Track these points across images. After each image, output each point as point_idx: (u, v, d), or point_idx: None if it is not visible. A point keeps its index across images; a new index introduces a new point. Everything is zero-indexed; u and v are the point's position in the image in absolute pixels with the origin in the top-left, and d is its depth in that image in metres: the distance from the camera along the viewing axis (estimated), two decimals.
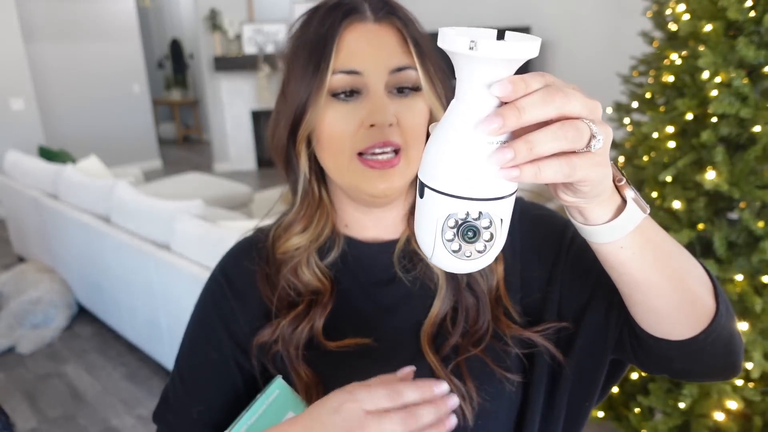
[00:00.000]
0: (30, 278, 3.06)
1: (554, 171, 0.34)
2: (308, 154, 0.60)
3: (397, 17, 0.56)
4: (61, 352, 2.79)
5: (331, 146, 0.56)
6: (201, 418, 0.64)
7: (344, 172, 0.57)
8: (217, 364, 0.64)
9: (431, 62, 0.57)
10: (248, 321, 0.64)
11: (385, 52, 0.55)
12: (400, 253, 0.64)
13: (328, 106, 0.55)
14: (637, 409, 1.63)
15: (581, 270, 0.60)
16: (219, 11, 5.90)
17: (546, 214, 0.67)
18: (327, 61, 0.53)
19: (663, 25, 1.96)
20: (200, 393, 0.65)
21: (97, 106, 5.98)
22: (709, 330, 0.50)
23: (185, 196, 2.61)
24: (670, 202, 1.50)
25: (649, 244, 0.45)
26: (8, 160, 3.54)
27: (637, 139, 1.89)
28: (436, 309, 0.61)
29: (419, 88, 0.56)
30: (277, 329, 0.62)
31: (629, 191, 0.42)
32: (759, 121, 1.31)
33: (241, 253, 0.69)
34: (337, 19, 0.55)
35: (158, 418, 0.67)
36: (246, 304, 0.65)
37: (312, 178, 0.62)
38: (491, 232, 0.38)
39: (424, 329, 0.61)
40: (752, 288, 1.38)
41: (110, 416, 2.28)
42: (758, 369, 1.36)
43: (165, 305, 2.28)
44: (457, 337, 0.60)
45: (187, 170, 5.70)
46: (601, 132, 0.35)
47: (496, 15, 4.90)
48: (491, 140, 0.35)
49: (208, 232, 2.09)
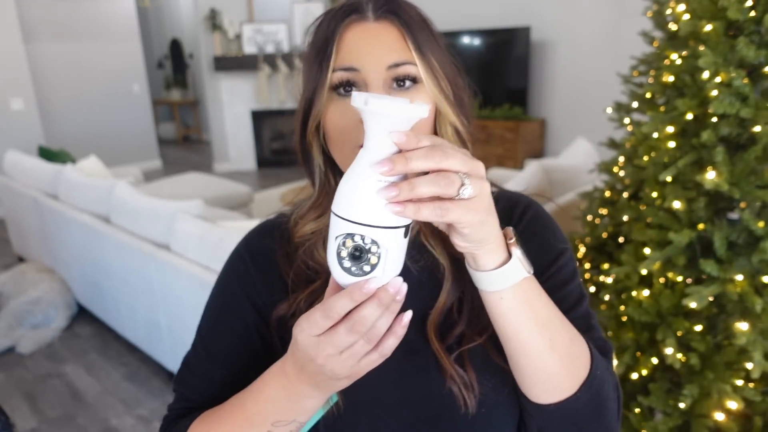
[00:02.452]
0: (30, 278, 3.06)
1: (430, 210, 0.43)
2: (321, 146, 0.63)
3: (396, 15, 0.58)
4: (61, 352, 2.79)
5: (336, 139, 0.59)
6: (224, 380, 0.67)
7: (349, 163, 0.59)
8: (239, 331, 0.67)
9: (435, 58, 0.58)
10: (269, 294, 0.67)
11: (382, 48, 0.57)
12: (410, 243, 0.64)
13: (330, 101, 0.58)
14: (637, 409, 1.63)
15: None
16: (219, 11, 5.90)
17: (546, 236, 0.67)
18: (328, 59, 0.57)
19: (663, 24, 1.96)
20: (223, 358, 0.67)
21: (97, 106, 5.98)
22: (560, 406, 0.56)
23: (185, 196, 2.61)
24: (670, 202, 1.50)
25: (527, 304, 0.52)
26: (8, 160, 3.54)
27: (637, 139, 1.89)
28: (443, 299, 0.63)
29: (420, 81, 0.58)
30: (294, 303, 0.64)
31: (516, 249, 0.51)
32: (759, 121, 1.31)
33: (263, 232, 0.72)
34: (340, 20, 0.58)
35: (179, 382, 0.70)
36: (267, 277, 0.68)
37: (327, 168, 0.65)
38: (378, 256, 0.45)
39: (431, 318, 0.63)
40: (752, 288, 1.38)
41: (110, 416, 2.28)
42: (758, 369, 1.36)
43: (165, 305, 2.28)
44: (463, 326, 0.62)
45: (187, 170, 5.71)
46: (475, 184, 0.44)
47: (496, 15, 4.90)
48: (383, 179, 0.44)
49: (207, 232, 2.09)
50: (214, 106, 6.32)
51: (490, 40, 4.87)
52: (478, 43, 4.95)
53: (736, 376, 1.41)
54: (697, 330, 1.48)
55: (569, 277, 0.65)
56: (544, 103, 4.85)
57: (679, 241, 1.43)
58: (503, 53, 4.80)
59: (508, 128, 4.65)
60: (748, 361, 1.38)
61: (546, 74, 4.76)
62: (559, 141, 4.78)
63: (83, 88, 5.83)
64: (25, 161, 3.41)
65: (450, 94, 0.60)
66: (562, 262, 0.65)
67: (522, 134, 4.60)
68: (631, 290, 1.64)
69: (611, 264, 2.11)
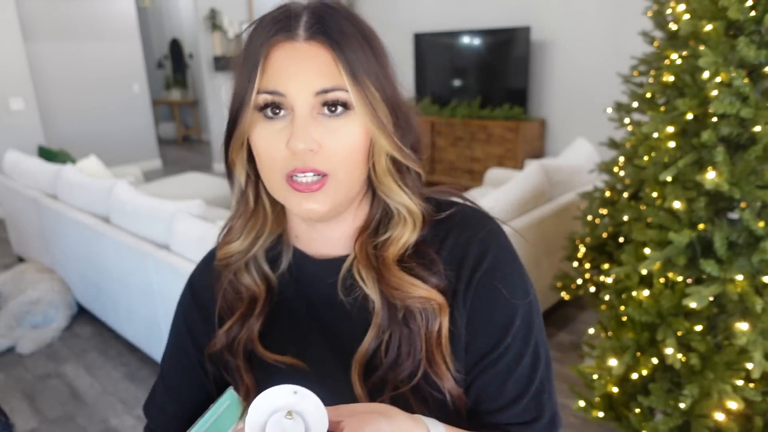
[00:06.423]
0: (29, 278, 3.06)
1: None
2: (244, 165, 0.60)
3: (328, 36, 0.53)
4: (61, 352, 2.79)
5: (264, 166, 0.56)
6: (175, 414, 0.71)
7: (277, 191, 0.57)
8: (187, 368, 0.70)
9: (371, 81, 0.53)
10: (207, 333, 0.68)
11: (310, 72, 0.52)
12: (346, 274, 0.62)
13: (255, 122, 0.55)
14: (637, 410, 1.63)
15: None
16: (219, 11, 5.90)
17: (503, 293, 0.59)
18: (253, 80, 0.53)
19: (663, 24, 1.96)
20: (175, 392, 0.71)
21: (97, 106, 5.98)
22: None
23: (185, 196, 2.60)
24: (670, 202, 1.50)
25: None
26: (8, 160, 3.53)
27: (637, 139, 1.89)
28: (370, 338, 0.60)
29: (352, 107, 0.53)
30: (223, 335, 0.65)
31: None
32: (759, 121, 1.31)
33: (205, 263, 0.71)
34: (268, 37, 0.53)
35: (145, 409, 0.74)
36: (206, 316, 0.68)
37: (248, 187, 0.62)
38: None
39: (356, 359, 0.59)
40: (753, 288, 1.38)
41: (110, 416, 2.28)
42: (758, 369, 1.36)
43: (164, 305, 2.28)
44: (386, 369, 0.59)
45: (187, 170, 5.71)
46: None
47: (496, 15, 4.90)
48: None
49: (207, 232, 2.09)
50: (214, 106, 6.32)
51: (490, 40, 4.87)
52: (478, 43, 4.95)
53: (737, 376, 1.41)
54: (698, 330, 1.48)
55: (522, 348, 0.59)
56: (544, 103, 4.85)
57: (679, 241, 1.43)
58: (503, 53, 4.80)
59: (508, 128, 4.64)
60: (749, 361, 1.38)
61: (546, 74, 4.76)
62: (559, 141, 4.78)
63: (83, 88, 5.83)
64: (24, 161, 3.41)
65: (388, 120, 0.55)
66: (516, 330, 0.59)
67: (522, 134, 4.59)
68: (631, 290, 1.64)
69: (611, 264, 2.11)
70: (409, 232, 0.60)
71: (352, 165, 0.55)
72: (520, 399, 0.59)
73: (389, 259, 0.60)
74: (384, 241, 0.61)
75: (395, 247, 0.60)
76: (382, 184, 0.59)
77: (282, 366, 0.62)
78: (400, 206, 0.60)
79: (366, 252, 0.61)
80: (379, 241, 0.61)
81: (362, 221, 0.63)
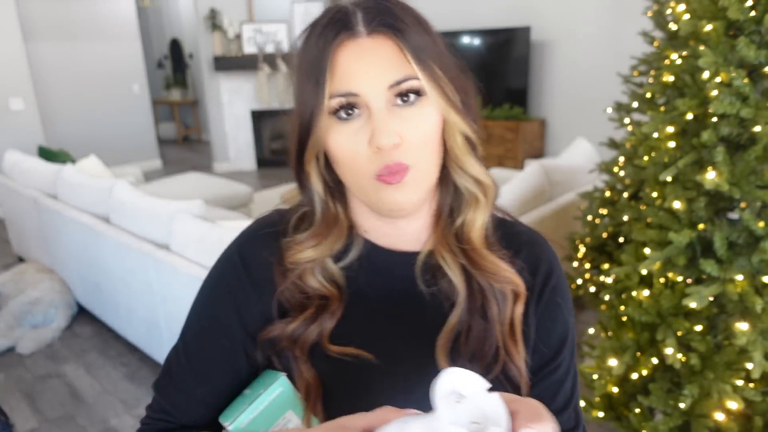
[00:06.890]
0: (30, 278, 3.06)
1: None
2: (320, 174, 0.60)
3: (390, 26, 0.53)
4: (61, 352, 2.79)
5: (348, 169, 0.56)
6: (203, 399, 0.64)
7: (368, 192, 0.57)
8: (226, 350, 0.64)
9: (438, 65, 0.54)
10: (261, 311, 0.63)
11: (380, 67, 0.52)
12: (423, 266, 0.63)
13: (331, 127, 0.55)
14: (637, 410, 1.62)
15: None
16: (219, 11, 5.90)
17: (563, 310, 0.66)
18: (323, 85, 0.53)
19: (663, 24, 1.96)
20: (206, 376, 0.64)
21: (97, 106, 5.97)
22: None
23: (185, 196, 2.60)
24: (670, 202, 1.50)
25: None
26: (8, 160, 3.53)
27: (637, 139, 1.89)
28: (454, 320, 0.60)
29: (424, 93, 0.54)
30: (286, 328, 0.61)
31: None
32: (759, 121, 1.31)
33: (258, 239, 0.66)
34: (330, 39, 0.53)
35: (159, 388, 0.66)
36: (262, 294, 0.63)
37: (327, 197, 0.62)
38: None
39: (440, 342, 0.60)
40: (753, 288, 1.38)
41: (110, 416, 2.28)
42: (758, 369, 1.36)
43: (164, 305, 2.28)
44: (468, 357, 0.59)
45: (187, 170, 5.70)
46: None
47: (496, 15, 4.90)
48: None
49: (207, 232, 2.09)
50: (214, 106, 6.32)
51: (490, 40, 4.87)
52: (478, 43, 4.95)
53: (737, 376, 1.41)
54: (698, 330, 1.48)
55: (571, 362, 0.65)
56: (544, 103, 4.85)
57: (679, 241, 1.43)
58: (503, 53, 4.80)
59: (508, 128, 4.65)
60: (749, 361, 1.38)
61: (546, 74, 4.76)
62: (559, 141, 4.78)
63: (83, 88, 5.83)
64: (24, 161, 3.41)
65: (457, 100, 0.56)
66: (569, 345, 0.65)
67: (522, 134, 4.60)
68: (631, 290, 1.64)
69: (611, 264, 2.11)
70: (482, 211, 0.62)
71: (430, 152, 0.56)
72: (565, 409, 0.64)
73: (476, 242, 0.62)
74: (461, 225, 0.62)
75: (476, 231, 0.62)
76: (459, 160, 0.59)
77: (348, 359, 0.60)
78: (472, 183, 0.61)
79: (447, 240, 0.62)
80: (456, 227, 0.63)
81: (434, 211, 0.64)
